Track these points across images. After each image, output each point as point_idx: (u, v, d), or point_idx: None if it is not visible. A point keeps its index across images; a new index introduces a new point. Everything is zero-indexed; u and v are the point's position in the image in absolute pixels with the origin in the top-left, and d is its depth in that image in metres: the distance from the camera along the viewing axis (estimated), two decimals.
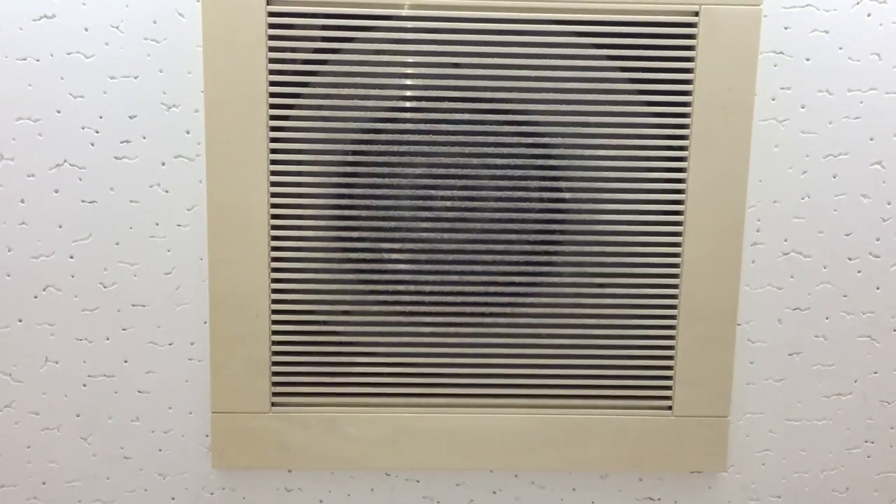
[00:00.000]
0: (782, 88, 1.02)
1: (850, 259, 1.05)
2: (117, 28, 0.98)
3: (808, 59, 1.01)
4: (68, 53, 0.98)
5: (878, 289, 1.06)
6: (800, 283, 1.06)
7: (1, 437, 1.06)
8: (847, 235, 1.05)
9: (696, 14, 0.97)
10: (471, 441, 1.05)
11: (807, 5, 1.00)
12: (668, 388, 1.05)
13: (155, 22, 0.98)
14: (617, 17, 0.97)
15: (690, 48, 0.97)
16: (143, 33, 0.98)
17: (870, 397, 1.09)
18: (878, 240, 1.05)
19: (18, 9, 0.96)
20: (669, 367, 1.04)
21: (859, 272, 1.06)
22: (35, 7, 0.97)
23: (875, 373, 1.08)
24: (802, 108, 1.02)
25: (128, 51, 0.98)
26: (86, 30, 0.97)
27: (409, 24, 0.96)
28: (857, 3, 1.00)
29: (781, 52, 1.01)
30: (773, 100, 1.02)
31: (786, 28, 1.00)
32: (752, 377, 1.08)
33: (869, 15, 1.00)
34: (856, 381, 1.09)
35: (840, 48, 1.01)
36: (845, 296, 1.06)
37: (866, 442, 1.10)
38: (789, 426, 1.09)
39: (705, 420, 1.05)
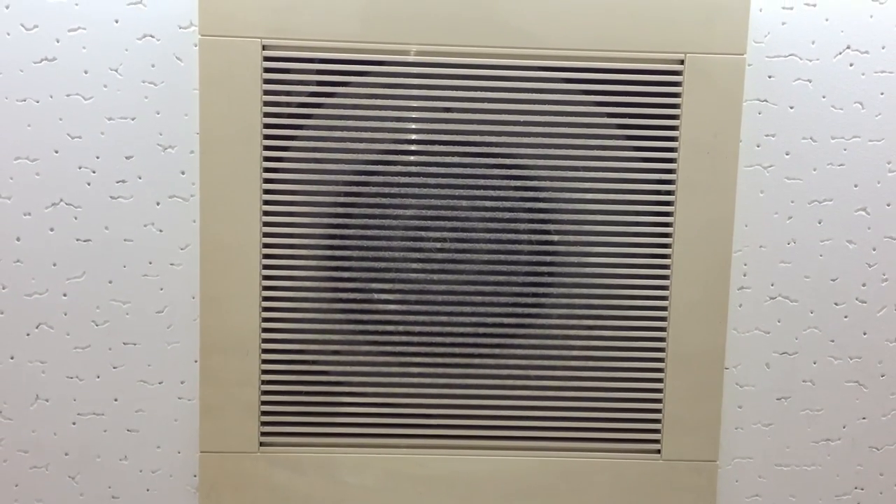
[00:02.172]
0: (767, 135, 1.04)
1: (836, 304, 1.06)
2: (116, 71, 1.00)
3: (791, 107, 1.03)
4: (67, 95, 1.00)
5: (864, 334, 1.07)
6: (787, 327, 1.07)
7: None
8: (833, 280, 1.06)
9: (682, 62, 0.99)
10: (458, 483, 1.04)
11: (790, 55, 1.02)
12: (657, 431, 1.05)
13: (153, 66, 1.00)
14: (605, 65, 0.99)
15: (676, 95, 0.99)
16: (142, 76, 1.00)
17: (859, 443, 1.09)
18: (864, 285, 1.06)
19: (20, 51, 0.99)
20: (658, 411, 1.04)
21: (846, 317, 1.07)
22: (36, 50, 0.99)
23: (863, 418, 1.08)
24: (787, 154, 1.04)
25: (126, 93, 1.00)
26: (85, 72, 1.00)
27: (402, 70, 0.98)
28: (840, 54, 1.02)
29: (766, 100, 1.03)
30: (758, 146, 1.04)
31: (770, 77, 1.03)
32: (741, 421, 1.08)
33: (851, 65, 1.03)
34: (844, 427, 1.09)
35: (823, 97, 1.03)
36: (832, 340, 1.07)
37: (856, 488, 1.10)
38: (778, 471, 1.09)
39: (694, 464, 1.05)
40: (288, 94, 0.99)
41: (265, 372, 1.02)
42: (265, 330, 1.02)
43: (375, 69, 0.99)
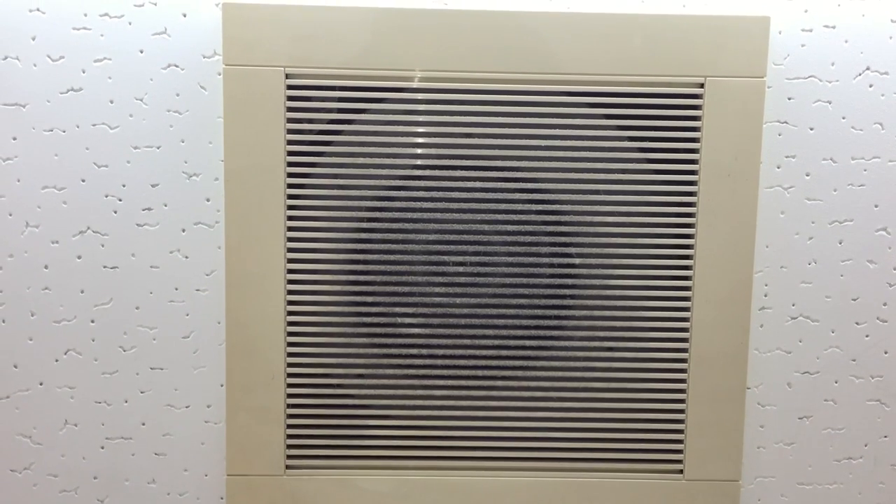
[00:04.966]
0: (787, 157, 1.04)
1: (857, 323, 1.07)
2: (141, 100, 1.01)
3: (811, 129, 1.03)
4: (94, 125, 1.01)
5: (886, 353, 1.07)
6: (808, 347, 1.07)
7: (19, 500, 1.07)
8: (854, 300, 1.06)
9: (702, 85, 0.99)
10: (483, 503, 1.05)
11: (810, 76, 1.03)
12: (679, 451, 1.05)
13: (178, 95, 1.01)
14: (625, 89, 1.00)
15: (697, 118, 1.00)
16: (166, 105, 1.01)
17: (881, 461, 1.09)
18: (885, 304, 1.06)
19: (47, 82, 1.00)
20: (680, 431, 1.05)
21: (867, 336, 1.07)
22: (63, 80, 1.00)
23: (885, 437, 1.09)
24: (807, 175, 1.04)
25: (151, 122, 1.02)
26: (111, 102, 1.01)
27: (422, 96, 0.99)
28: (860, 75, 1.03)
29: (786, 122, 1.03)
30: (779, 168, 1.04)
31: (790, 98, 1.03)
32: (763, 441, 1.09)
33: (871, 86, 1.03)
34: (866, 445, 1.09)
35: (843, 118, 1.03)
36: (854, 360, 1.07)
37: None
38: (801, 490, 1.10)
39: (717, 484, 1.05)
40: (311, 121, 1.00)
41: (291, 395, 1.03)
42: (290, 354, 1.03)
43: (396, 95, 0.99)
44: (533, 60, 0.98)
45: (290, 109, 0.99)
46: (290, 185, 1.00)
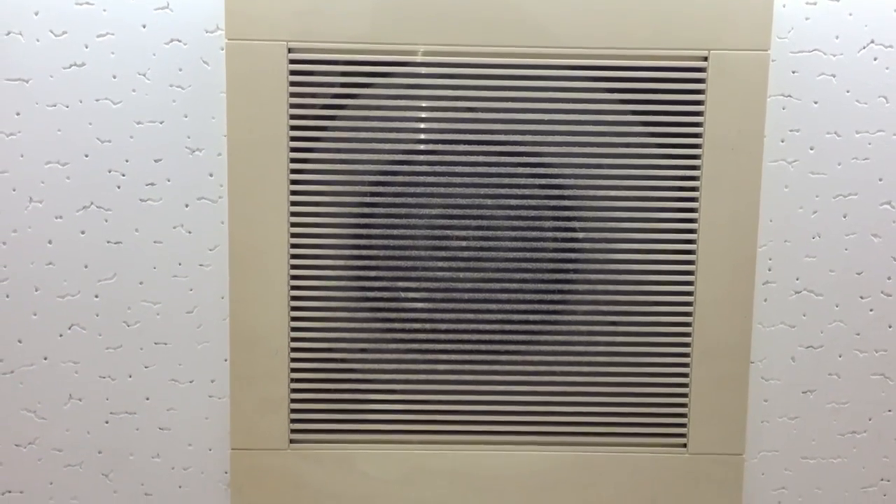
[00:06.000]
0: (791, 130, 1.04)
1: (861, 297, 1.07)
2: (144, 76, 1.01)
3: (816, 102, 1.03)
4: (97, 100, 1.01)
5: (890, 327, 1.07)
6: (812, 321, 1.07)
7: (24, 474, 1.08)
8: (858, 274, 1.06)
9: (706, 59, 0.99)
10: (485, 478, 1.05)
11: (814, 50, 1.02)
12: (683, 425, 1.05)
13: (180, 70, 1.01)
14: (628, 63, 0.99)
15: (700, 92, 1.00)
16: (169, 80, 1.01)
17: (885, 435, 1.09)
18: (889, 278, 1.06)
19: (49, 57, 1.00)
20: (684, 405, 1.05)
21: (871, 310, 1.07)
22: (65, 56, 1.00)
23: (889, 410, 1.09)
24: (811, 149, 1.04)
25: (154, 97, 1.02)
26: (114, 77, 1.01)
27: (425, 71, 0.99)
28: (864, 48, 1.02)
29: (790, 96, 1.03)
30: (783, 142, 1.04)
31: (794, 72, 1.03)
32: (767, 415, 1.09)
33: (875, 59, 1.03)
34: (870, 419, 1.09)
35: (847, 91, 1.03)
36: (858, 334, 1.07)
37: (882, 480, 1.10)
38: (804, 464, 1.10)
39: (720, 458, 1.05)
40: (314, 95, 1.00)
41: (294, 370, 1.03)
42: (294, 329, 1.03)
43: (399, 70, 0.99)
44: (537, 35, 0.98)
45: (293, 84, 0.99)
46: (294, 160, 1.00)
